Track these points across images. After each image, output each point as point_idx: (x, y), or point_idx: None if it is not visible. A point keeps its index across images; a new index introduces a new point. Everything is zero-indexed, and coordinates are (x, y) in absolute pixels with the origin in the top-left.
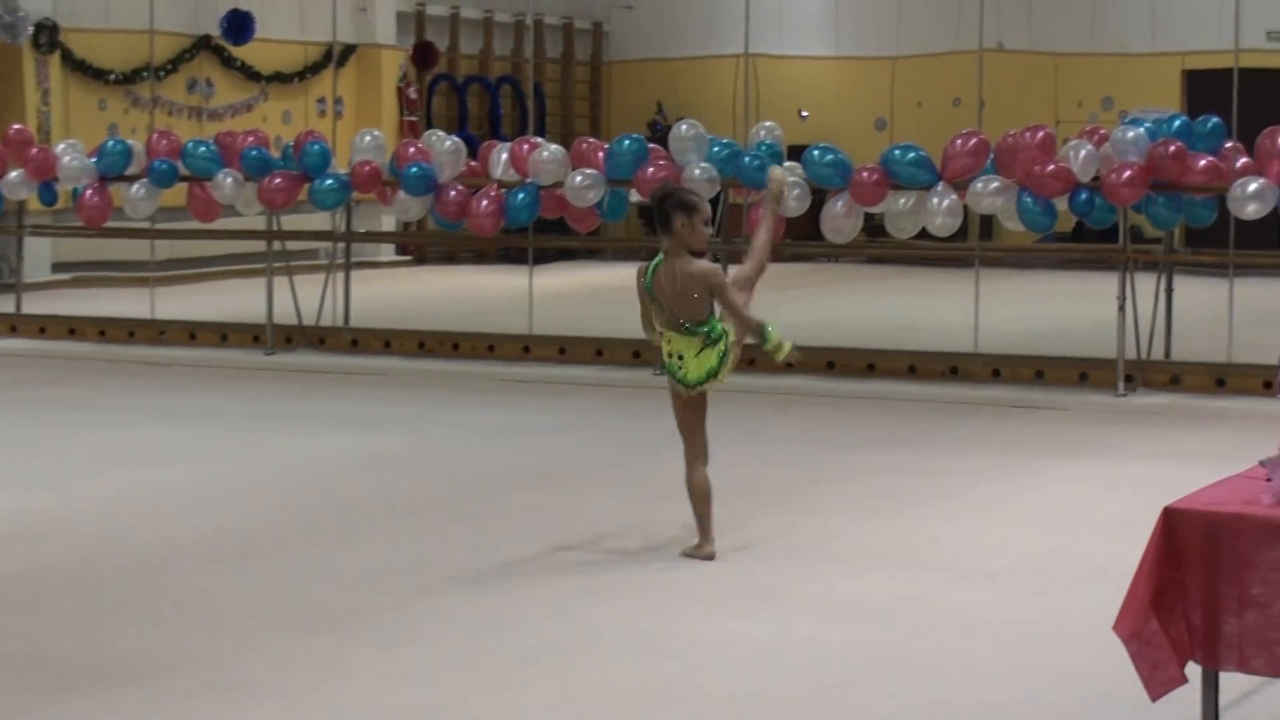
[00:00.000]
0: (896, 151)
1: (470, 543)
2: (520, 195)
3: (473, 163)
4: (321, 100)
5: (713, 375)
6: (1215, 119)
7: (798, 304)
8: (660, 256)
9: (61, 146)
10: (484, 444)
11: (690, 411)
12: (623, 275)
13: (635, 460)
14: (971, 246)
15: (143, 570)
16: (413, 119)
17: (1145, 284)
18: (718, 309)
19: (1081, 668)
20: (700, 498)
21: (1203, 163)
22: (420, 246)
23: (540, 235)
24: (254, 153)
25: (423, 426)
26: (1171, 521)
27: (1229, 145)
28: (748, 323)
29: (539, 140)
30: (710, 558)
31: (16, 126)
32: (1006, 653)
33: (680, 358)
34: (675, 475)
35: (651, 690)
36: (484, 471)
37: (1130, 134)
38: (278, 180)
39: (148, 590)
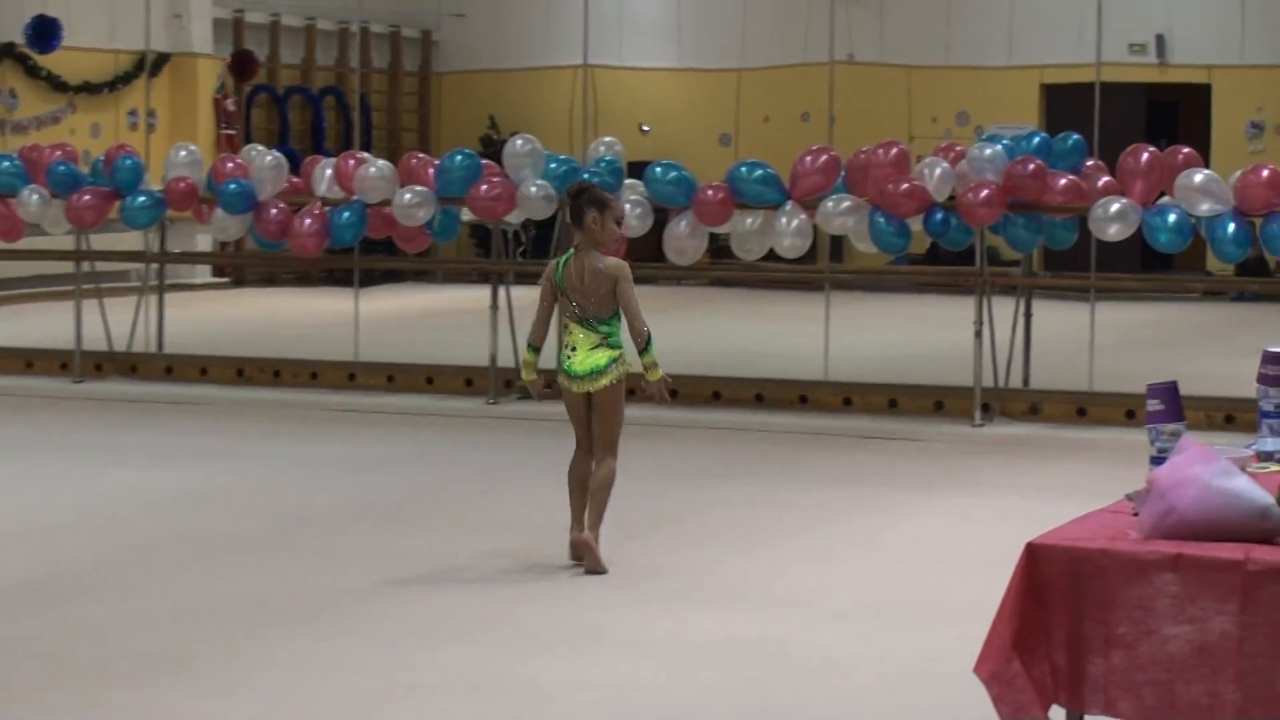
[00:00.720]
0: (743, 169)
1: (300, 582)
2: (345, 214)
3: (295, 179)
4: (133, 112)
5: (597, 372)
6: (1076, 136)
7: None
8: (571, 251)
9: None
10: (309, 477)
11: (580, 409)
12: (454, 298)
13: (471, 493)
14: (821, 269)
15: None
16: (230, 132)
17: (1003, 308)
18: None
19: (942, 710)
20: (599, 488)
21: (1063, 182)
22: (239, 268)
23: (366, 256)
24: (61, 168)
25: (243, 459)
26: (1034, 558)
27: (1090, 163)
28: (639, 324)
29: (365, 155)
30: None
31: None
32: (864, 694)
33: (574, 349)
34: (513, 508)
35: None
36: (310, 507)
37: (987, 151)
38: (87, 197)
39: None
